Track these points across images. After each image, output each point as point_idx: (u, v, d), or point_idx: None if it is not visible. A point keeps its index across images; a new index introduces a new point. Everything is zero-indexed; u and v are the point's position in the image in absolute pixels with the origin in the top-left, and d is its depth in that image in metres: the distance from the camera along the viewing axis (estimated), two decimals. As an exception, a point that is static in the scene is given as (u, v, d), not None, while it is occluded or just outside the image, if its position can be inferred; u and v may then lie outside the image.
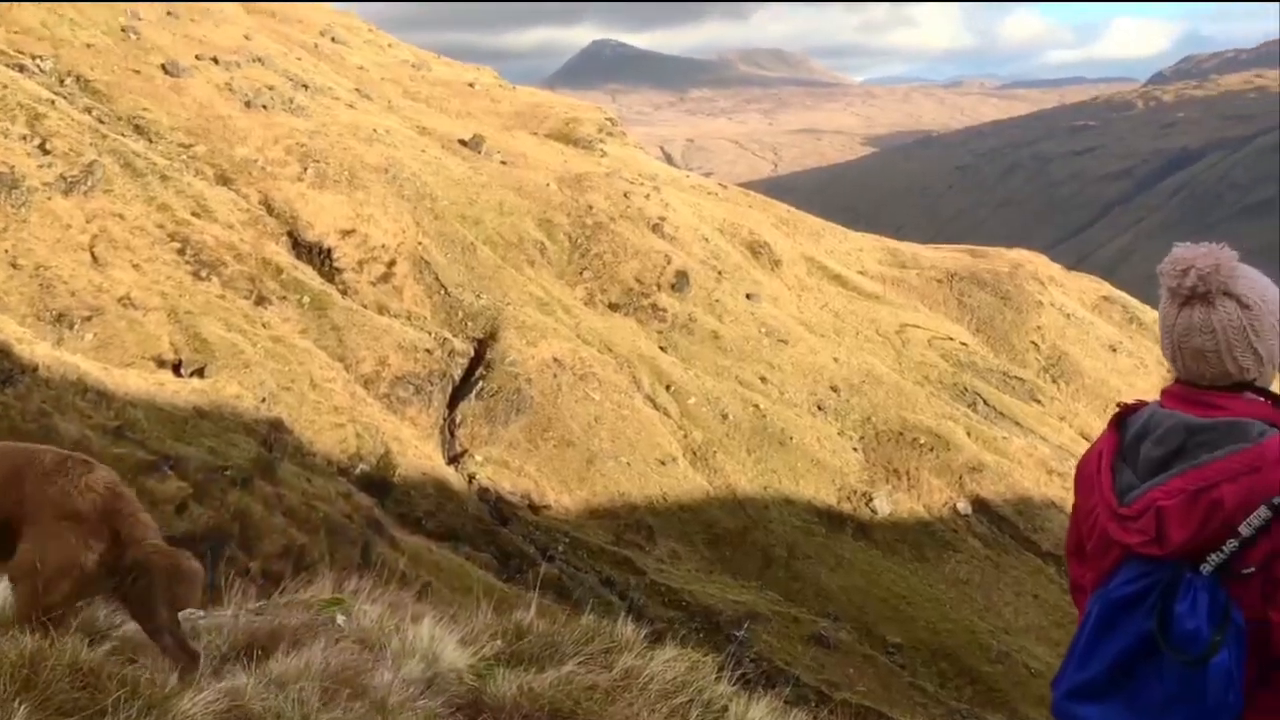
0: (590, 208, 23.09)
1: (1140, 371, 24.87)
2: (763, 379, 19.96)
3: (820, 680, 11.86)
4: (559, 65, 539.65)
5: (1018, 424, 20.98)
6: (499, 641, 3.42)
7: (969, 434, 19.96)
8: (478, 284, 19.54)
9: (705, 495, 16.69)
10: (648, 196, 24.85)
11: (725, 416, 18.39)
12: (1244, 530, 2.41)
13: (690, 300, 21.78)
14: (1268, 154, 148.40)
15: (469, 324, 18.65)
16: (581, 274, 21.57)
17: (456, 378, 17.90)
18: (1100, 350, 24.86)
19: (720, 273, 23.14)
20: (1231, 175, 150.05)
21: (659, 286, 21.85)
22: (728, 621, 12.42)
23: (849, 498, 17.61)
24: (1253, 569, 2.43)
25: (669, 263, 22.43)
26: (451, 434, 17.02)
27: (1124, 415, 2.78)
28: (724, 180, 39.18)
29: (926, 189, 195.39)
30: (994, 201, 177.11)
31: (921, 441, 19.19)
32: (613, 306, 21.01)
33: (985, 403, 21.48)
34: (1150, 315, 27.91)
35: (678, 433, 17.96)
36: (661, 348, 20.18)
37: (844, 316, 23.74)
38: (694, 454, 17.66)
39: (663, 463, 16.88)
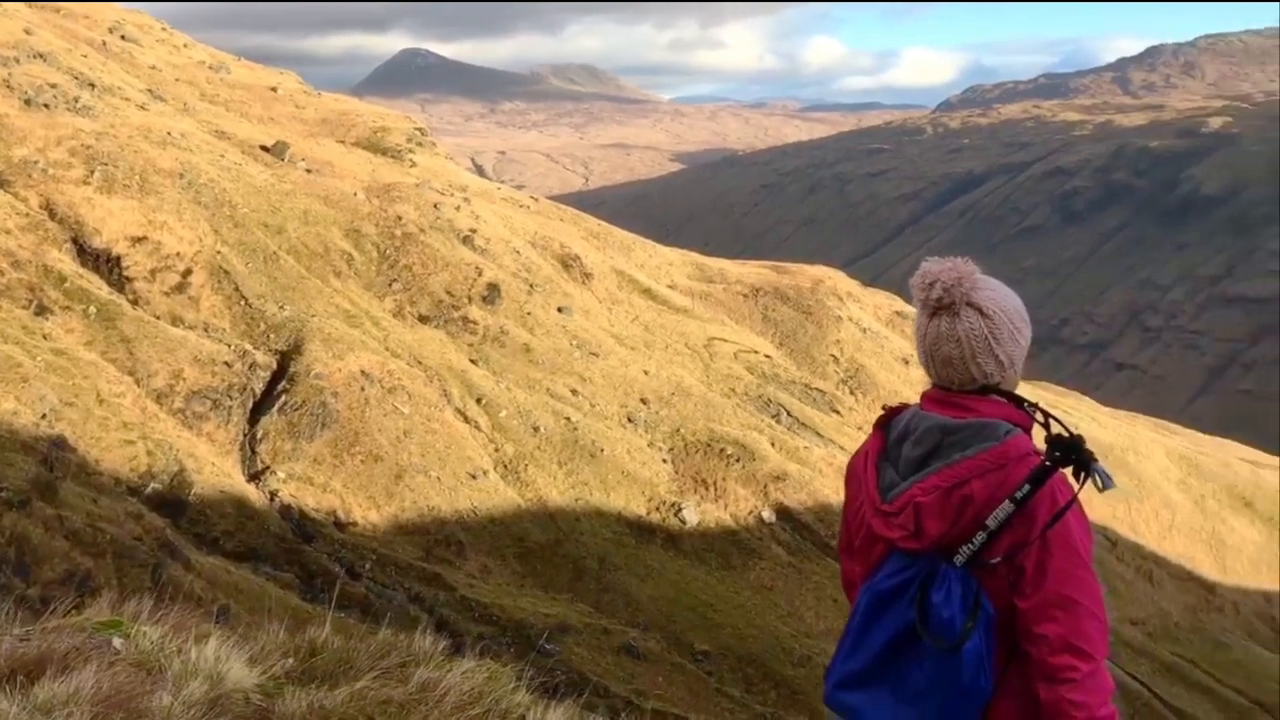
0: (400, 218, 22.66)
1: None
2: (574, 391, 19.99)
3: (630, 690, 11.95)
4: (367, 73, 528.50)
5: (818, 434, 21.74)
6: (291, 660, 3.29)
7: (773, 444, 20.53)
8: (281, 295, 18.88)
9: (517, 508, 16.59)
10: (458, 208, 24.58)
11: (537, 429, 18.34)
12: (990, 523, 2.61)
13: (502, 313, 21.63)
14: (1043, 180, 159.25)
15: (271, 336, 17.98)
16: (390, 285, 21.13)
17: (258, 391, 17.20)
18: (894, 363, 26.04)
19: (532, 285, 23.10)
20: (1012, 199, 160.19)
21: (470, 299, 21.61)
22: (539, 635, 12.36)
23: (659, 508, 17.82)
24: (999, 559, 2.63)
25: (480, 275, 22.23)
26: (252, 450, 16.34)
27: (888, 418, 2.98)
28: (536, 193, 39.15)
29: (733, 206, 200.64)
30: (797, 219, 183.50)
31: (728, 452, 19.62)
32: (423, 319, 20.66)
33: (788, 413, 22.15)
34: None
35: (489, 446, 17.79)
36: (472, 360, 19.96)
37: (654, 329, 24.05)
38: (505, 467, 17.53)
39: (473, 476, 16.69)
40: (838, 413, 23.58)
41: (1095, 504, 26.60)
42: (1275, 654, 24.38)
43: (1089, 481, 2.58)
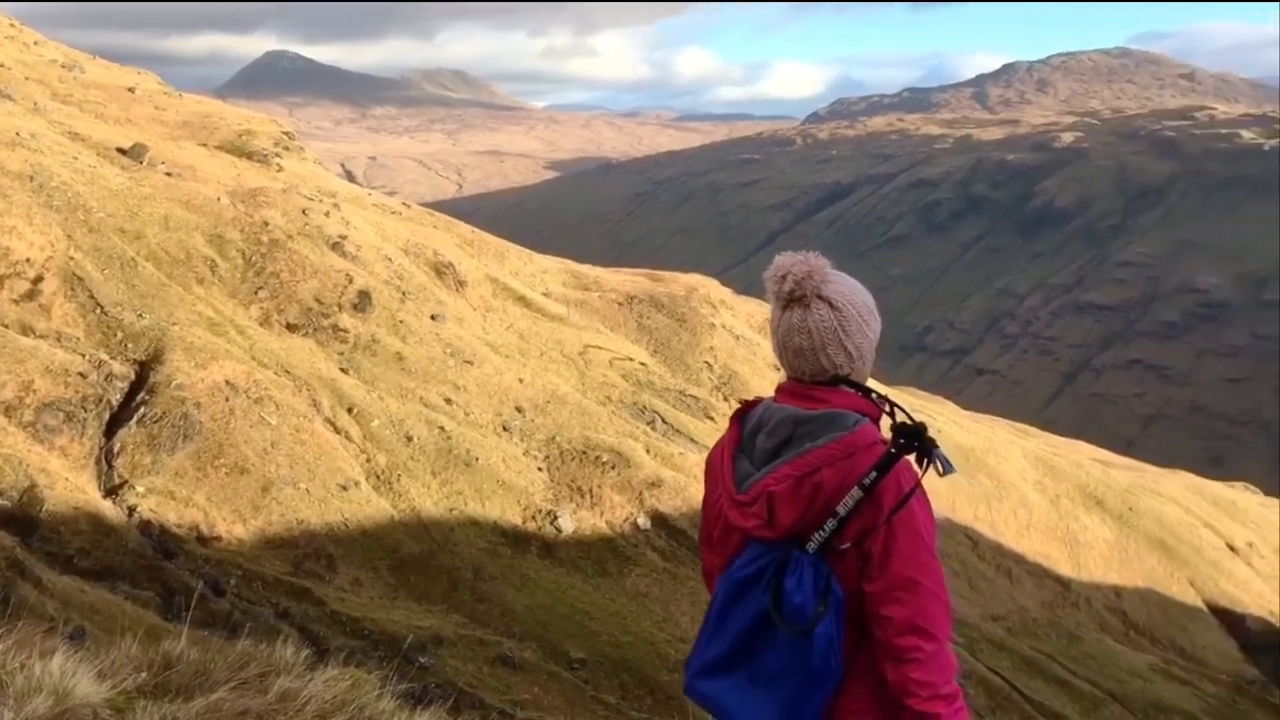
0: (266, 224, 22.08)
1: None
2: (448, 400, 19.78)
3: (505, 700, 11.86)
4: (231, 74, 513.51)
5: (693, 440, 21.96)
6: (144, 674, 3.18)
7: (648, 451, 20.66)
8: (140, 303, 18.19)
9: (389, 520, 16.31)
10: (328, 214, 24.08)
11: (410, 439, 18.08)
12: (841, 510, 2.72)
13: (373, 321, 21.27)
14: (908, 191, 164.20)
15: (130, 345, 17.31)
16: (257, 293, 20.57)
17: (115, 403, 16.53)
18: (766, 369, 26.47)
19: (404, 293, 22.77)
20: (878, 209, 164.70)
21: (340, 307, 21.19)
22: (413, 648, 12.18)
23: (534, 517, 17.75)
24: (848, 545, 2.73)
25: (350, 282, 21.82)
26: (109, 464, 15.69)
27: (744, 411, 3.09)
28: (408, 199, 38.61)
29: (608, 214, 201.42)
30: (671, 228, 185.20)
31: (604, 459, 19.66)
32: (291, 327, 20.17)
33: (663, 420, 22.31)
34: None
35: (360, 456, 17.47)
36: (343, 369, 19.57)
37: (529, 337, 23.96)
38: (378, 478, 17.24)
39: (344, 488, 16.35)
40: (712, 419, 23.86)
41: (959, 506, 27.51)
42: (1124, 645, 25.56)
43: (931, 468, 2.70)
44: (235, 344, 18.07)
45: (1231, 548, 35.02)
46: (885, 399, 2.94)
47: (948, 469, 2.69)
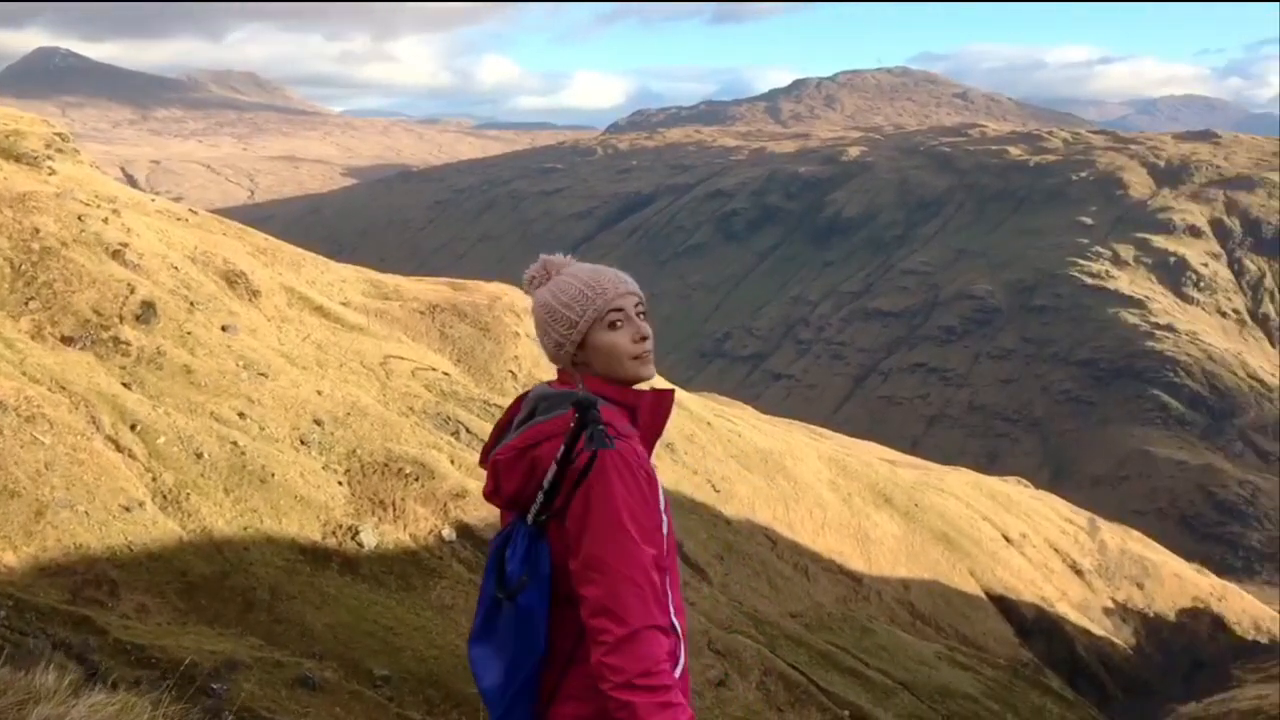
0: (37, 231, 20.69)
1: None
2: (241, 414, 19.03)
3: (307, 723, 11.52)
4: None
5: (498, 449, 21.84)
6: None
7: (453, 462, 20.44)
8: (-110, 315, 16.82)
9: (178, 541, 15.56)
10: (106, 220, 22.74)
11: (200, 455, 17.30)
12: (545, 484, 2.88)
13: (158, 333, 20.24)
14: (706, 201, 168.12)
15: (-121, 362, 15.97)
16: (27, 304, 19.23)
17: None
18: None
19: (193, 303, 21.77)
20: (677, 219, 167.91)
21: (121, 318, 20.07)
22: (205, 674, 11.66)
23: (335, 533, 17.29)
24: (548, 518, 2.89)
25: (133, 292, 20.70)
26: None
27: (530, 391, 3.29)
28: (196, 205, 36.91)
29: (409, 222, 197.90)
30: (473, 236, 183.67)
31: (407, 471, 19.34)
32: (66, 340, 18.96)
33: (467, 430, 22.12)
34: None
35: (145, 476, 16.59)
36: (125, 384, 18.54)
37: (327, 348, 23.32)
38: (165, 497, 16.41)
39: (128, 509, 15.50)
40: (516, 428, 23.77)
41: (758, 508, 28.34)
42: (913, 636, 26.89)
43: (594, 441, 2.83)
44: (3, 359, 16.86)
45: (1007, 539, 37.39)
46: (627, 388, 3.07)
47: (600, 445, 2.77)
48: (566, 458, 2.79)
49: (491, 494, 2.97)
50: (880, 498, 33.80)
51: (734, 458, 29.67)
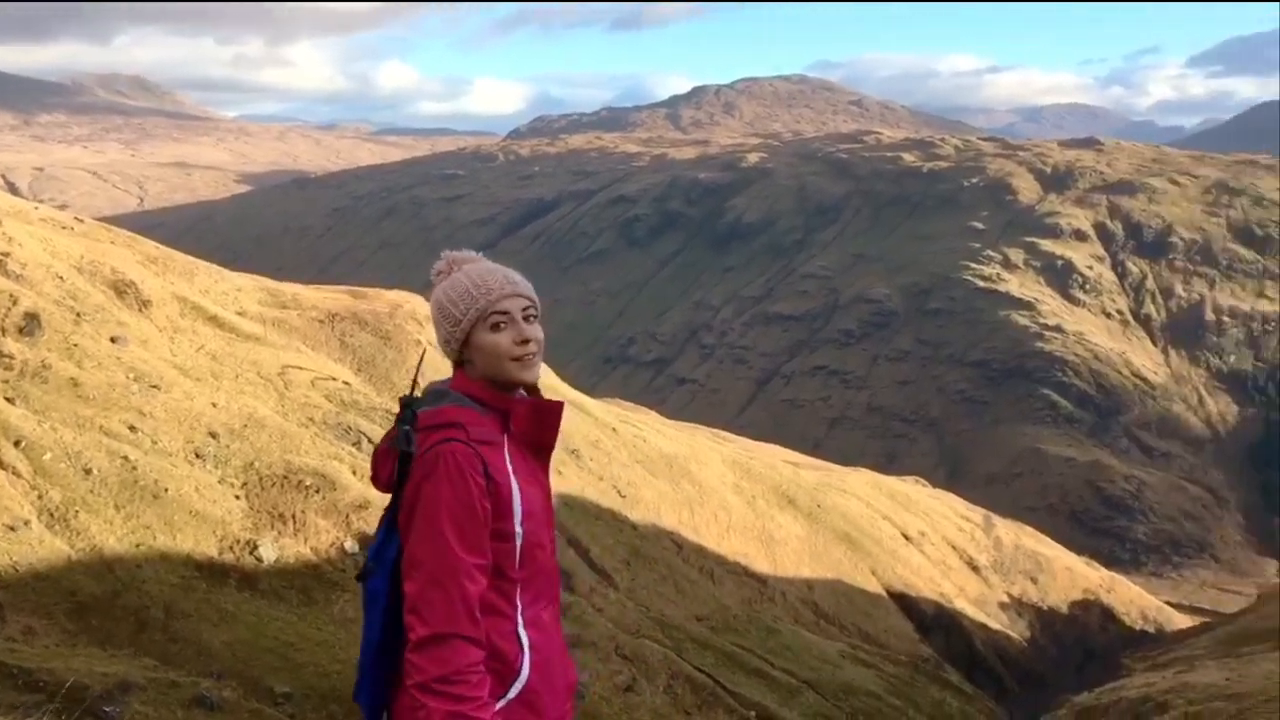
0: (-90, 240, 19.89)
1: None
2: (133, 428, 18.48)
3: (204, 743, 11.23)
4: None
5: (401, 459, 21.55)
6: None
7: (354, 472, 20.15)
8: None
9: (66, 560, 15.03)
10: (-14, 229, 21.91)
11: (89, 471, 16.73)
12: (398, 478, 2.94)
13: (43, 345, 19.54)
14: (608, 207, 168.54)
15: None
16: (-100, 317, 18.44)
17: None
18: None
19: (79, 314, 21.07)
20: (580, 225, 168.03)
21: (4, 331, 19.33)
22: (95, 697, 11.27)
23: (232, 548, 16.90)
24: (395, 510, 2.96)
25: (15, 304, 19.94)
26: None
27: None
28: (82, 213, 35.74)
29: (306, 229, 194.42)
30: (373, 243, 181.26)
31: (308, 483, 18.99)
32: (-57, 354, 18.21)
33: (369, 440, 21.80)
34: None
35: (31, 494, 16.00)
36: (8, 399, 17.87)
37: (222, 359, 22.78)
38: (51, 515, 15.85)
39: (12, 528, 14.93)
40: (419, 437, 23.52)
41: (664, 512, 28.46)
42: (817, 635, 27.29)
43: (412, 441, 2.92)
44: (-125, 374, 16.11)
45: (906, 537, 38.18)
46: (500, 392, 3.08)
47: (403, 446, 2.84)
48: (404, 455, 2.81)
49: (373, 480, 3.03)
50: (784, 499, 34.24)
51: (639, 463, 29.77)
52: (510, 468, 2.94)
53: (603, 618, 19.83)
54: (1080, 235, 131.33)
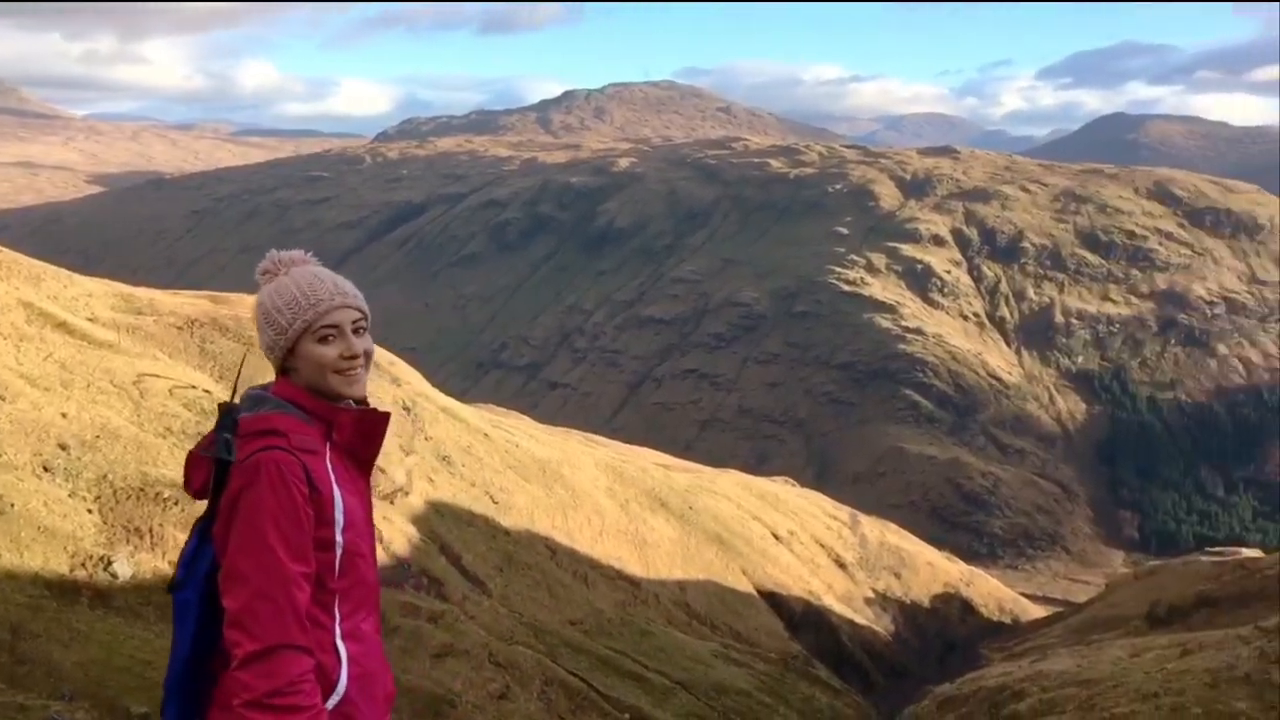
0: None
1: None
2: (-26, 441, 17.60)
3: (56, 770, 10.74)
4: None
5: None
6: None
7: (216, 483, 19.47)
8: None
9: (-98, 583, 14.26)
10: None
11: (-74, 488, 15.89)
12: (213, 486, 2.85)
13: (-127, 354, 18.50)
14: (479, 211, 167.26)
15: None
16: None
17: None
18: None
19: (-86, 321, 20.01)
20: (450, 229, 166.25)
21: None
22: (-64, 726, 10.70)
23: (85, 564, 16.21)
24: (211, 521, 2.86)
25: None
26: None
27: None
28: (-85, 215, 33.93)
29: (163, 232, 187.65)
30: (235, 247, 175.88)
31: (166, 496, 18.34)
32: None
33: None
34: (385, 358, 29.66)
35: None
36: None
37: (72, 368, 21.85)
38: (-115, 535, 15.02)
39: None
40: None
41: (537, 518, 28.38)
42: (689, 636, 27.57)
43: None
44: None
45: (776, 536, 38.89)
46: (325, 401, 2.98)
47: (218, 452, 2.77)
48: (221, 463, 2.73)
49: (186, 487, 2.90)
50: (656, 502, 34.49)
51: (512, 468, 29.61)
52: (333, 477, 2.86)
53: (475, 625, 19.67)
54: (939, 240, 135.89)
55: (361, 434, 2.98)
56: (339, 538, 2.81)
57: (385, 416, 3.03)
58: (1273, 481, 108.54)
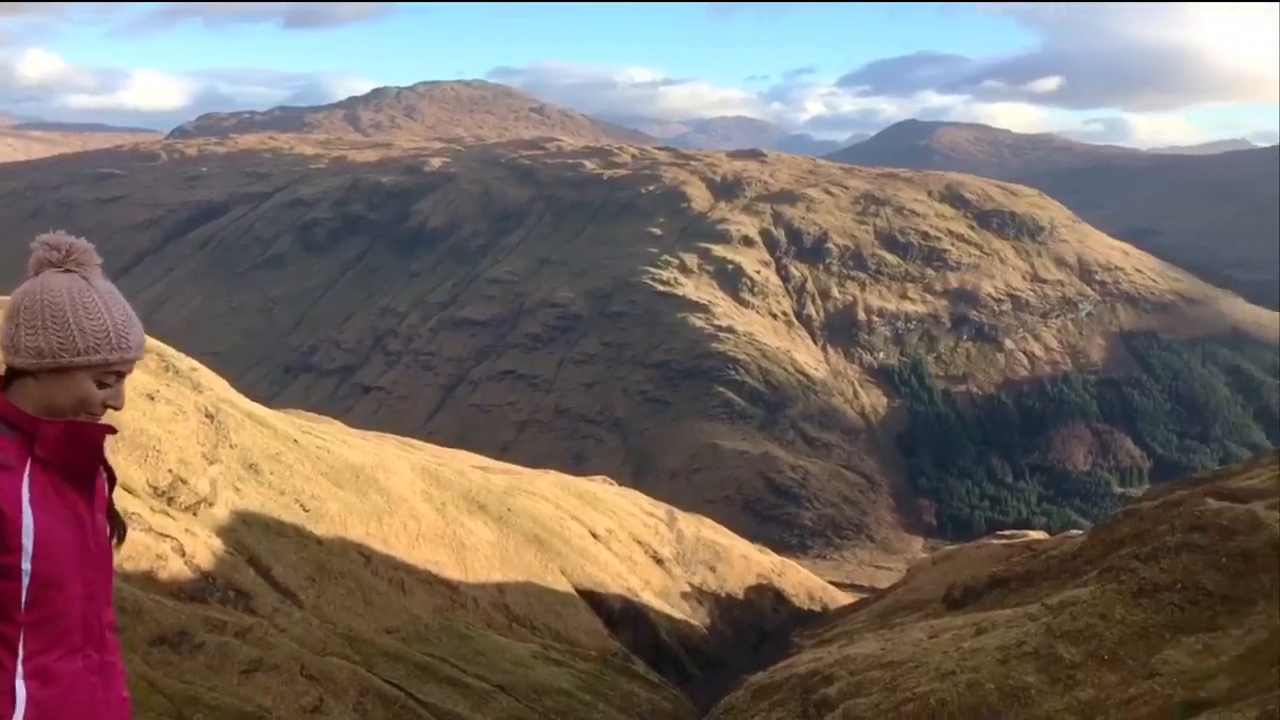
0: None
1: (179, 418, 25.16)
2: None
3: None
4: None
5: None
6: None
7: None
8: None
9: None
10: None
11: None
12: None
13: None
14: (284, 210, 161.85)
15: None
16: None
17: None
18: (139, 399, 24.66)
19: None
20: (255, 229, 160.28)
21: None
22: None
23: None
24: None
25: None
26: None
27: None
28: None
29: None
30: (16, 249, 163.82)
31: None
32: None
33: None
34: (186, 364, 28.40)
35: None
36: None
37: None
38: None
39: None
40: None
41: (350, 524, 27.73)
42: (509, 638, 27.50)
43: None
44: None
45: (594, 535, 39.16)
46: (30, 415, 2.75)
47: None
48: None
49: None
50: (474, 505, 34.22)
51: (324, 475, 28.84)
52: (26, 496, 2.60)
53: (286, 638, 19.08)
54: (748, 241, 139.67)
55: (71, 447, 2.69)
56: (25, 565, 2.56)
57: (102, 429, 2.77)
58: (1056, 467, 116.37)
